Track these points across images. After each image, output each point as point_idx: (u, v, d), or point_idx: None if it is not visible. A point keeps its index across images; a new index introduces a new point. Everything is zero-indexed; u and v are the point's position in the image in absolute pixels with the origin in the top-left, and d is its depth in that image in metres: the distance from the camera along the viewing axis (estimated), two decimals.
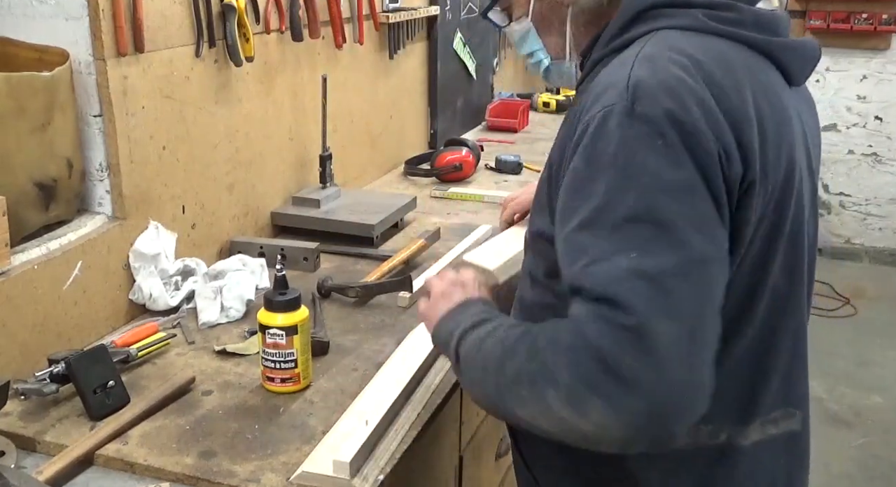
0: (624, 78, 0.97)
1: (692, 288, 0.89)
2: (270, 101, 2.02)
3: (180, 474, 1.18)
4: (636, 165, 0.92)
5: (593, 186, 0.93)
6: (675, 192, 0.91)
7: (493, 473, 1.89)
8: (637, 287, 0.88)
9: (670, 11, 1.06)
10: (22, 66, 1.45)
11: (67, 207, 1.53)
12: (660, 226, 0.90)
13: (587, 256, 0.92)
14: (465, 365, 1.09)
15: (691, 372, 0.88)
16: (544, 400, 0.93)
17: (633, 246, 0.90)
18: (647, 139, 0.92)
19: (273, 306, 1.35)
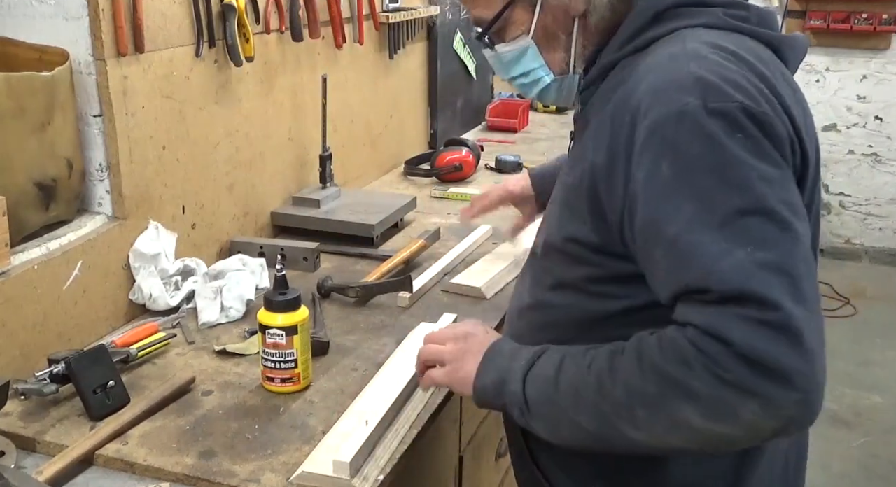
0: (685, 76, 0.95)
1: (809, 271, 0.91)
2: (270, 101, 2.02)
3: (180, 474, 1.18)
4: (727, 160, 0.91)
5: (688, 188, 0.92)
6: (770, 181, 0.91)
7: (493, 473, 1.89)
8: (771, 279, 0.88)
9: (690, 10, 1.06)
10: (22, 66, 1.45)
11: (67, 207, 1.53)
12: (767, 215, 0.90)
13: (703, 258, 0.90)
14: (544, 408, 1.04)
15: (823, 352, 0.90)
16: (679, 417, 0.92)
17: (748, 240, 0.89)
18: (728, 134, 0.92)
19: (273, 306, 1.35)
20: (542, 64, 1.16)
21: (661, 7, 1.07)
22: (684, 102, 0.93)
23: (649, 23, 1.07)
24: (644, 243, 0.96)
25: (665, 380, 0.91)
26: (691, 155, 0.92)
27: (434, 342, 1.20)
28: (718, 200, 0.91)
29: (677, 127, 0.93)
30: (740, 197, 0.91)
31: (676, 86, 0.95)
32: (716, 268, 0.89)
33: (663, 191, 0.94)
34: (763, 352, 0.86)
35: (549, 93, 1.20)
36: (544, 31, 1.13)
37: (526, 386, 1.04)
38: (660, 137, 0.94)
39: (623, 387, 0.95)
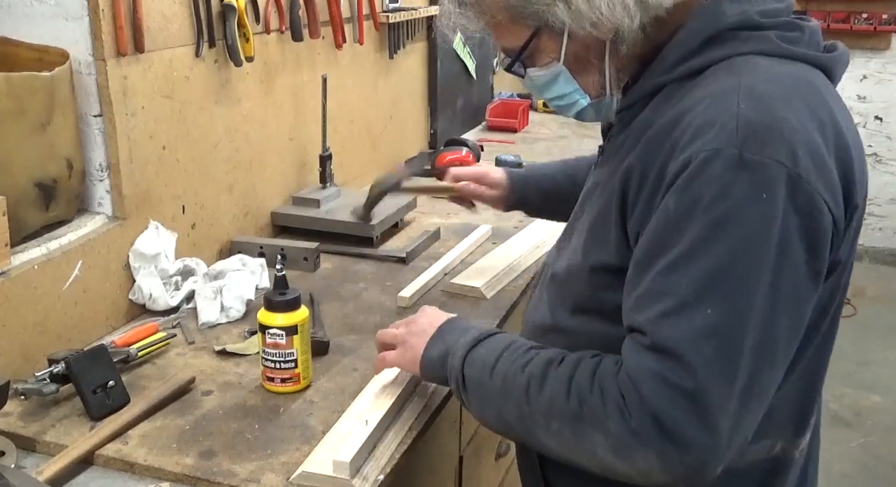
0: (730, 116, 0.91)
1: (758, 349, 0.89)
2: (270, 101, 2.02)
3: (180, 474, 1.18)
4: (733, 217, 0.88)
5: (683, 231, 0.91)
6: (766, 253, 0.88)
7: (493, 473, 1.89)
8: (703, 349, 0.88)
9: (746, 34, 1.01)
10: (22, 66, 1.45)
11: (67, 207, 1.53)
12: (741, 285, 0.88)
13: (663, 304, 0.91)
14: (476, 389, 1.09)
15: (738, 431, 0.90)
16: (587, 442, 0.95)
17: (711, 302, 0.88)
18: (750, 190, 0.88)
19: (273, 306, 1.35)
20: (576, 88, 1.11)
21: (713, 31, 1.01)
22: (720, 146, 0.90)
23: (699, 48, 1.02)
24: (633, 268, 0.97)
25: (584, 407, 0.96)
26: (702, 200, 0.90)
27: (397, 325, 1.28)
28: (702, 253, 0.89)
29: (702, 168, 0.90)
30: (723, 257, 0.88)
31: (719, 126, 0.91)
32: (665, 322, 0.90)
33: (664, 226, 0.93)
34: (663, 412, 0.89)
35: (587, 114, 1.16)
36: (575, 57, 1.09)
37: (465, 363, 1.11)
38: (687, 176, 0.91)
39: (548, 398, 1.00)
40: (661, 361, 0.90)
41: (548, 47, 1.08)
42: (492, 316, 1.67)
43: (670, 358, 0.89)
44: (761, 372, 0.90)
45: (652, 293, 0.93)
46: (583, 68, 1.09)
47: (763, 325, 0.89)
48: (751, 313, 0.88)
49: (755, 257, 0.88)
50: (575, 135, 3.36)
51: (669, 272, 0.91)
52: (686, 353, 0.88)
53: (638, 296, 0.94)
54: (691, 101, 0.97)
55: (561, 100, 1.14)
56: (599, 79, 1.10)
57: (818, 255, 0.92)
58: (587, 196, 1.17)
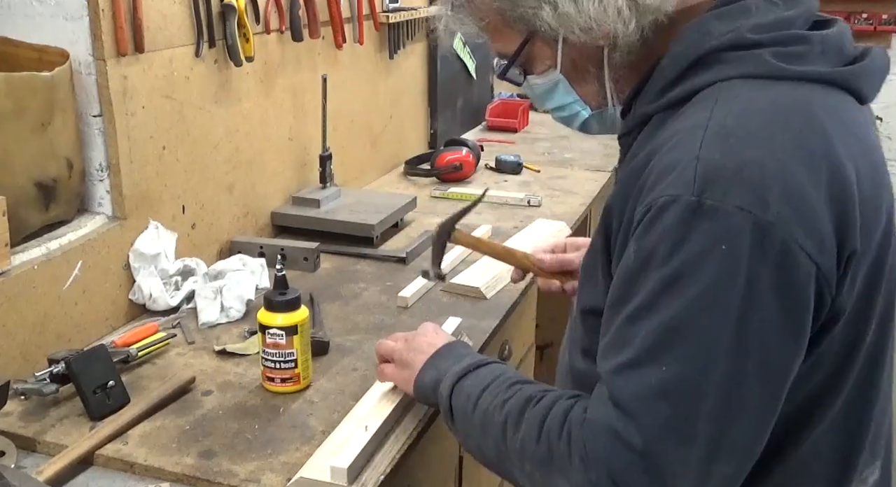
0: (691, 159, 0.84)
1: (720, 410, 0.83)
2: (270, 101, 2.01)
3: (180, 474, 1.18)
4: (687, 272, 0.82)
5: (641, 283, 0.86)
6: (726, 310, 0.81)
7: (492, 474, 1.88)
8: (656, 409, 0.84)
9: (734, 56, 0.92)
10: (22, 66, 1.45)
11: (67, 207, 1.53)
12: (697, 345, 0.83)
13: (622, 356, 0.87)
14: (461, 422, 1.11)
15: (705, 481, 0.86)
16: (553, 485, 0.95)
17: (665, 360, 0.84)
18: (708, 241, 0.81)
19: (273, 306, 1.35)
20: (576, 98, 1.06)
21: (695, 55, 0.93)
22: (678, 192, 0.83)
23: (682, 74, 0.94)
24: (605, 313, 0.93)
25: (552, 453, 0.95)
26: (658, 252, 0.84)
27: (394, 338, 1.29)
28: (659, 307, 0.84)
29: (658, 216, 0.84)
30: (679, 314, 0.83)
31: (679, 169, 0.84)
32: (622, 376, 0.87)
33: (625, 274, 0.89)
34: (615, 469, 0.86)
35: (590, 126, 1.11)
36: (573, 65, 1.03)
37: (453, 394, 1.11)
38: (645, 222, 0.86)
39: (521, 441, 0.99)
40: (617, 416, 0.86)
41: (543, 54, 1.04)
42: (492, 316, 1.67)
43: (624, 414, 0.86)
44: (726, 433, 0.85)
45: (614, 342, 0.89)
46: (581, 77, 1.04)
47: (725, 386, 0.83)
48: (709, 374, 0.83)
49: (713, 315, 0.82)
50: (575, 135, 3.34)
51: (629, 323, 0.87)
52: (639, 413, 0.85)
53: (603, 344, 0.92)
54: (663, 138, 0.91)
55: (562, 111, 1.09)
56: (599, 89, 1.04)
57: (796, 309, 0.84)
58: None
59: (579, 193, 2.53)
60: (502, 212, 2.34)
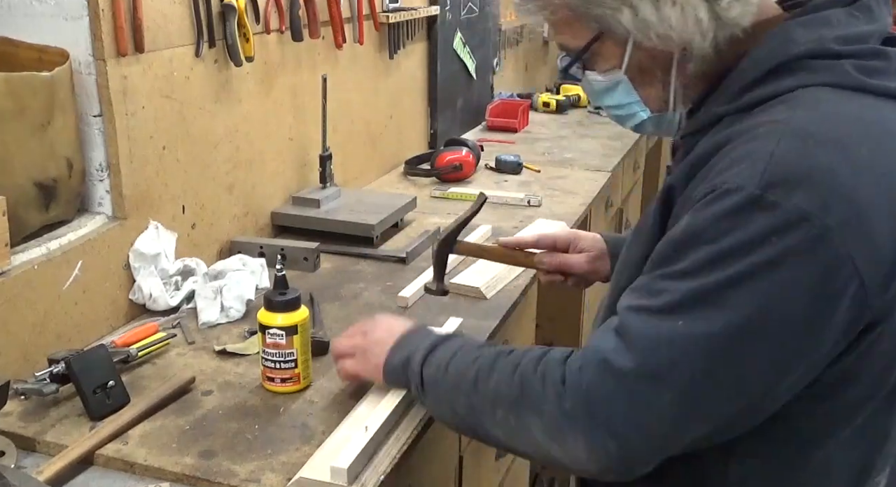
0: (766, 153, 0.86)
1: (714, 374, 0.87)
2: (270, 101, 2.02)
3: (180, 474, 1.18)
4: (734, 254, 0.85)
5: (686, 252, 0.89)
6: (754, 295, 0.85)
7: (493, 473, 1.89)
8: (657, 352, 0.88)
9: (816, 64, 0.93)
10: (22, 66, 1.45)
11: (67, 207, 1.53)
12: (720, 317, 0.86)
13: (645, 300, 0.91)
14: (432, 387, 1.13)
15: (667, 441, 0.91)
16: (526, 427, 0.97)
17: (684, 318, 0.87)
18: (760, 233, 0.84)
19: (273, 306, 1.35)
20: (636, 99, 1.05)
21: (779, 60, 0.94)
22: (743, 184, 0.86)
23: (762, 77, 0.95)
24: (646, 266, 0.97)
25: (524, 391, 0.97)
26: (709, 227, 0.87)
27: (346, 335, 1.31)
28: (697, 275, 0.87)
29: (720, 199, 0.87)
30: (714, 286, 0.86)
31: (751, 161, 0.87)
32: (643, 319, 0.90)
33: (673, 242, 0.92)
34: (598, 397, 0.90)
35: (645, 127, 1.10)
36: (639, 67, 1.02)
37: (424, 365, 1.13)
38: (706, 200, 0.89)
39: (493, 386, 1.02)
40: (615, 346, 0.91)
41: (610, 53, 1.02)
42: (492, 317, 1.67)
43: (625, 345, 0.90)
44: (709, 398, 0.88)
45: (641, 288, 0.94)
46: (646, 80, 1.03)
47: (726, 358, 0.87)
48: (720, 343, 0.86)
49: (743, 295, 0.85)
50: (575, 134, 3.36)
51: (662, 279, 0.91)
52: (639, 348, 0.89)
53: (635, 286, 0.95)
54: (740, 128, 0.93)
55: (619, 110, 1.08)
56: (662, 93, 1.04)
57: (823, 316, 0.86)
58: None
59: (579, 193, 2.53)
60: (502, 212, 2.34)
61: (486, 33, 3.32)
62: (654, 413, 0.89)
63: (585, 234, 1.49)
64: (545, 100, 3.74)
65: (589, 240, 1.47)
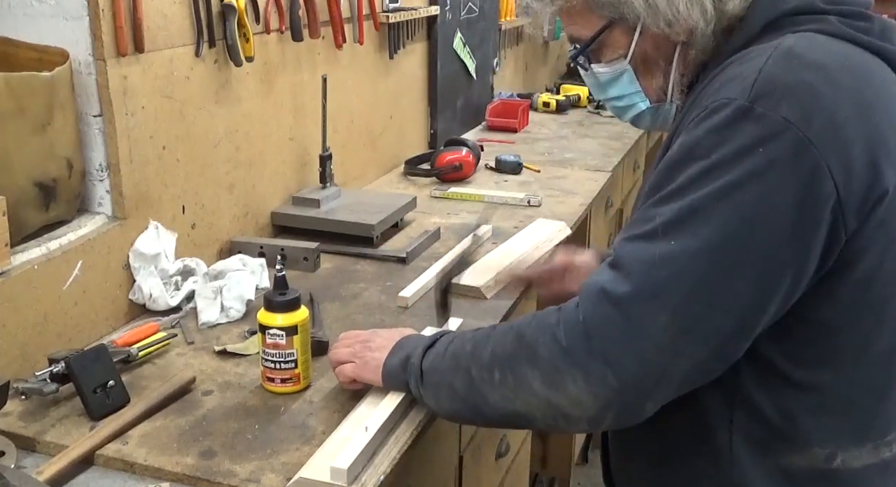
0: (754, 71, 0.92)
1: (707, 292, 0.90)
2: (270, 101, 2.02)
3: (180, 474, 1.18)
4: (723, 165, 0.89)
5: (679, 171, 0.93)
6: (744, 203, 0.89)
7: (493, 473, 1.89)
8: (652, 273, 0.90)
9: (802, 19, 0.99)
10: (22, 66, 1.45)
11: (67, 207, 1.53)
12: (710, 228, 0.89)
13: (637, 229, 0.94)
14: (431, 375, 1.14)
15: (667, 370, 0.91)
16: (522, 379, 0.98)
17: (676, 236, 0.90)
18: (748, 141, 0.89)
19: (273, 306, 1.35)
20: (637, 90, 1.11)
21: (772, 17, 1.00)
22: (732, 98, 0.91)
23: (756, 35, 1.01)
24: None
25: (520, 343, 0.99)
26: (700, 143, 0.92)
27: (344, 343, 1.32)
28: (685, 192, 0.91)
29: (710, 115, 0.92)
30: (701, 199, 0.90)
31: (741, 79, 0.92)
32: (634, 244, 0.93)
33: (666, 166, 0.95)
34: (597, 329, 0.92)
35: (643, 120, 1.16)
36: (643, 57, 1.08)
37: (423, 359, 1.15)
38: (696, 119, 0.93)
39: (490, 350, 1.03)
40: (611, 277, 0.93)
41: (617, 42, 1.07)
42: (492, 317, 1.67)
43: (621, 272, 0.92)
44: (705, 317, 0.90)
45: (635, 220, 0.96)
46: (648, 70, 1.09)
47: (719, 273, 0.89)
48: (709, 258, 0.89)
49: (731, 206, 0.89)
50: (575, 134, 3.36)
51: (655, 205, 0.94)
52: (634, 272, 0.91)
53: (626, 226, 0.99)
54: (731, 62, 0.98)
55: (619, 101, 1.13)
56: (663, 83, 1.09)
57: (807, 228, 0.89)
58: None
59: (579, 193, 2.53)
60: (502, 212, 2.34)
61: (486, 33, 3.32)
62: (649, 337, 0.90)
63: (582, 259, 1.48)
64: (545, 100, 3.74)
65: (586, 265, 1.46)
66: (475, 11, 3.18)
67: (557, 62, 4.49)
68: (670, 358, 0.91)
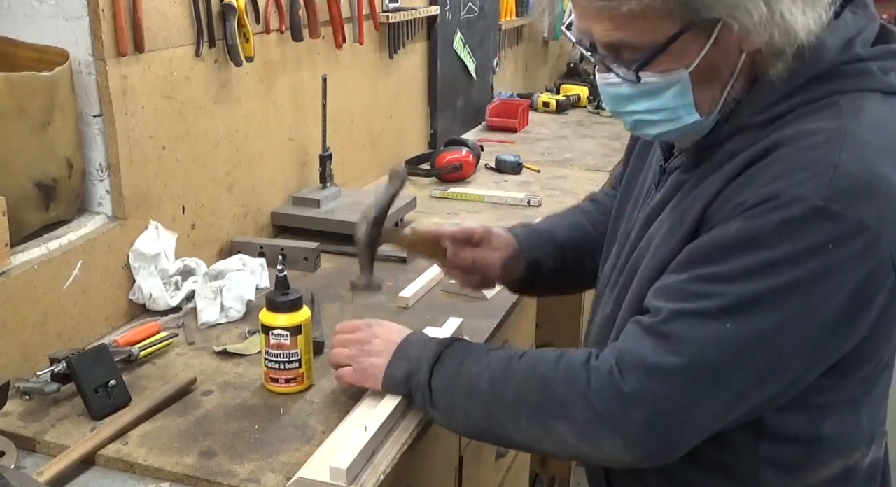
0: (829, 165, 0.88)
1: (759, 374, 0.92)
2: (270, 101, 2.01)
3: (180, 474, 1.18)
4: (792, 262, 0.88)
5: (738, 255, 0.90)
6: (809, 298, 0.89)
7: (493, 473, 1.89)
8: (707, 355, 0.90)
9: (848, 69, 0.95)
10: (22, 66, 1.45)
11: (67, 207, 1.53)
12: (770, 319, 0.89)
13: (689, 304, 0.92)
14: (442, 398, 1.12)
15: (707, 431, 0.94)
16: (554, 431, 0.98)
17: (733, 321, 0.90)
18: (821, 240, 0.87)
19: (277, 307, 1.35)
20: (686, 102, 0.97)
21: (814, 72, 0.94)
22: (808, 195, 0.87)
23: (801, 87, 0.95)
24: (675, 262, 0.97)
25: (549, 395, 0.98)
26: (770, 235, 0.89)
27: (341, 342, 1.29)
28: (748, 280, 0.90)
29: (783, 209, 0.88)
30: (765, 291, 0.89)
31: (814, 172, 0.88)
32: (689, 322, 0.92)
33: (721, 241, 0.92)
34: (640, 400, 0.92)
35: (681, 135, 1.03)
36: (708, 65, 0.94)
37: (432, 377, 1.13)
38: (764, 207, 0.89)
39: (513, 393, 1.02)
40: (658, 348, 0.92)
41: (685, 50, 0.93)
42: (492, 316, 1.67)
43: (670, 348, 0.91)
44: (753, 392, 0.93)
45: (683, 291, 0.94)
46: (708, 80, 0.96)
47: (774, 355, 0.91)
48: (768, 343, 0.90)
49: (797, 300, 0.89)
50: (575, 134, 3.36)
51: (707, 281, 0.92)
52: (689, 351, 0.91)
53: (668, 286, 0.96)
54: (784, 136, 0.93)
55: (654, 114, 0.99)
56: (718, 95, 0.97)
57: (865, 307, 0.91)
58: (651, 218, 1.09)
59: (579, 193, 2.53)
60: (502, 211, 2.34)
61: (486, 33, 3.31)
62: (703, 411, 0.92)
63: (499, 232, 1.39)
64: (545, 100, 3.74)
65: (503, 239, 1.38)
66: (475, 11, 3.18)
67: (557, 62, 4.49)
68: (714, 424, 0.95)
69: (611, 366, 0.94)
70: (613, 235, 1.23)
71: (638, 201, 1.18)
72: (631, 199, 1.21)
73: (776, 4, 0.89)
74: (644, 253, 1.07)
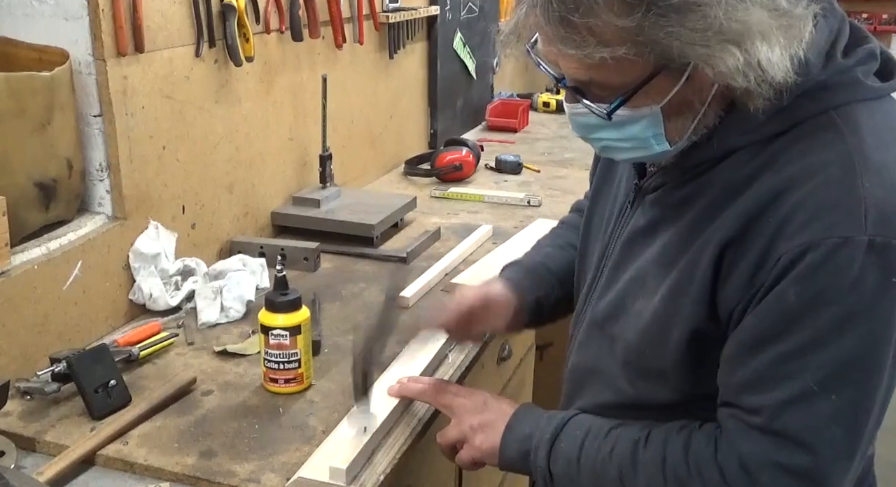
0: (856, 199, 0.86)
1: (873, 424, 0.92)
2: (270, 101, 2.01)
3: (180, 474, 1.18)
4: (864, 309, 0.86)
5: (807, 322, 0.88)
6: (890, 338, 0.88)
7: (493, 473, 1.88)
8: (828, 434, 0.89)
9: (836, 81, 0.93)
10: (22, 66, 1.45)
11: (67, 207, 1.53)
12: (868, 373, 0.88)
13: (783, 391, 0.90)
14: (565, 482, 1.08)
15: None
16: None
17: (836, 390, 0.88)
18: (880, 277, 0.85)
19: (276, 307, 1.35)
20: (657, 133, 0.95)
21: (805, 88, 0.91)
22: (849, 234, 0.85)
23: (789, 106, 0.92)
24: (737, 348, 0.94)
25: None
26: (833, 289, 0.86)
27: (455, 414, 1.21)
28: (832, 342, 0.87)
29: (831, 257, 0.85)
30: (855, 348, 0.87)
31: (845, 210, 0.86)
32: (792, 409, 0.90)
33: (781, 315, 0.89)
34: None
35: (638, 159, 1.03)
36: (680, 100, 0.92)
37: (550, 462, 1.09)
38: (810, 263, 0.86)
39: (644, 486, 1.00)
40: (780, 446, 0.91)
41: (658, 87, 0.90)
42: None
43: (793, 444, 0.90)
44: (870, 441, 0.94)
45: (768, 378, 0.91)
46: (680, 112, 0.93)
47: (880, 402, 0.91)
48: (875, 395, 0.90)
49: (884, 344, 0.88)
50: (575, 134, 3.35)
51: (787, 359, 0.90)
52: (813, 442, 0.90)
53: (749, 379, 0.93)
54: (795, 172, 0.90)
55: (623, 142, 0.97)
56: (688, 124, 0.95)
57: None
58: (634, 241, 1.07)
59: (579, 193, 2.52)
60: (502, 212, 2.34)
61: (486, 33, 3.31)
62: (839, 480, 0.91)
63: (496, 295, 1.32)
64: (545, 100, 3.74)
65: (501, 303, 1.31)
66: (475, 11, 3.18)
67: None
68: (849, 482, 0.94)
69: (737, 470, 0.93)
70: (586, 256, 1.20)
71: (610, 220, 1.14)
72: (604, 216, 1.17)
73: (753, 51, 0.85)
74: (635, 289, 1.04)
